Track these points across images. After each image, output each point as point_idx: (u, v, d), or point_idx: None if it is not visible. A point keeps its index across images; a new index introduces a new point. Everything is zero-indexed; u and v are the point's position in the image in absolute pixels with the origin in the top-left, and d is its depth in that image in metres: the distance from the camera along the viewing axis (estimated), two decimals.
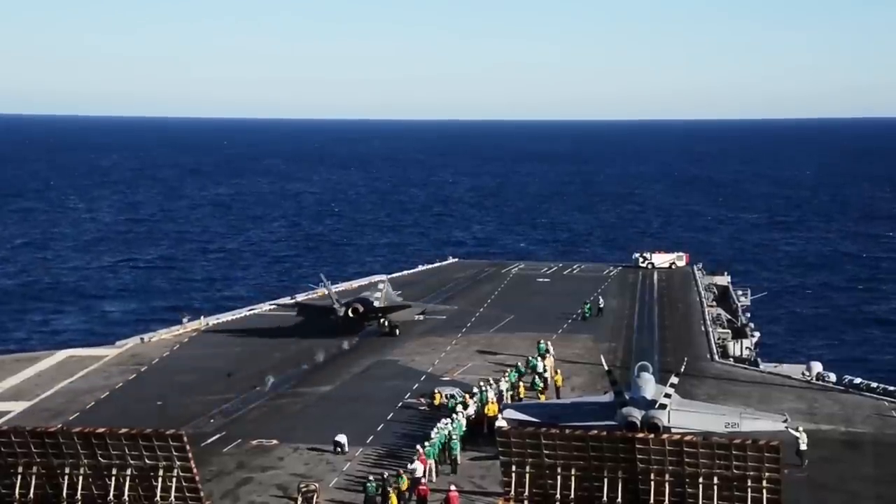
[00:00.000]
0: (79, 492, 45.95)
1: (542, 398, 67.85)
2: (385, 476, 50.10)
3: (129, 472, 45.56)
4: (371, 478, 50.04)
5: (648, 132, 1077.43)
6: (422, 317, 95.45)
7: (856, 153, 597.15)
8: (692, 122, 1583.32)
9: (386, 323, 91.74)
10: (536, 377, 71.84)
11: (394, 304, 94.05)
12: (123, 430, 46.02)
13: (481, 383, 67.01)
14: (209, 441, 59.92)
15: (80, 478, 45.87)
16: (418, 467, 51.28)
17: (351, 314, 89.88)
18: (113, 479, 45.65)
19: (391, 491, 48.77)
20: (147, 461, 45.37)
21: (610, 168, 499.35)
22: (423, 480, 50.59)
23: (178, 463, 45.28)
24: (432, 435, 55.33)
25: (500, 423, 56.96)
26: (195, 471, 45.78)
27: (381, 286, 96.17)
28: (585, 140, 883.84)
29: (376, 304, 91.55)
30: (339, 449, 57.48)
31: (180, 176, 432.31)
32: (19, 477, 46.15)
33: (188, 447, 45.57)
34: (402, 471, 51.01)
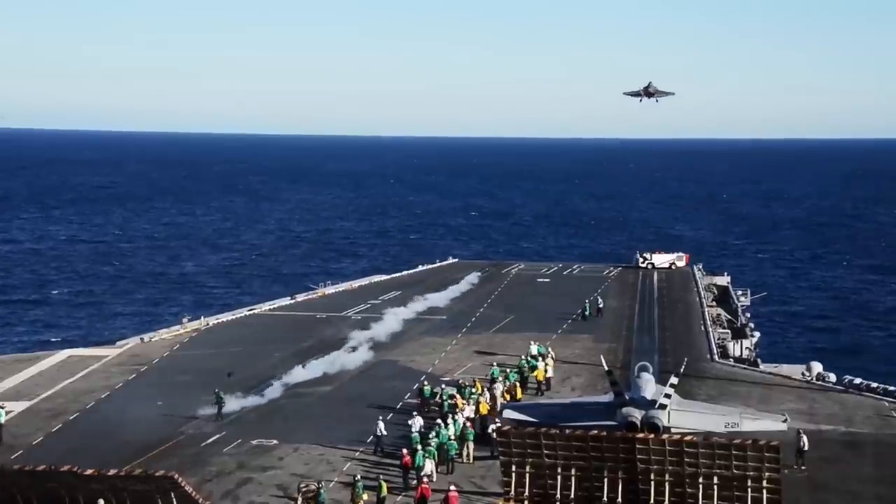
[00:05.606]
0: None
1: (518, 394, 67.38)
2: (356, 477, 49.47)
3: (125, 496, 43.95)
4: (322, 483, 49.90)
5: (647, 152, 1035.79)
6: None
7: (856, 175, 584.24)
8: (691, 140, 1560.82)
9: None
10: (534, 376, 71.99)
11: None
12: (112, 472, 44.02)
13: (479, 382, 67.04)
14: (209, 441, 59.93)
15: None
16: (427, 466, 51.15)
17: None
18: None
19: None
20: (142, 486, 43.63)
21: (608, 187, 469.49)
22: (424, 480, 50.26)
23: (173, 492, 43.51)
24: (430, 436, 55.18)
25: (496, 423, 56.77)
26: (194, 494, 44.36)
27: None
28: (584, 158, 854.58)
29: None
30: (378, 449, 57.34)
31: (177, 179, 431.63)
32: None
33: (182, 483, 43.61)
34: (356, 477, 49.69)
